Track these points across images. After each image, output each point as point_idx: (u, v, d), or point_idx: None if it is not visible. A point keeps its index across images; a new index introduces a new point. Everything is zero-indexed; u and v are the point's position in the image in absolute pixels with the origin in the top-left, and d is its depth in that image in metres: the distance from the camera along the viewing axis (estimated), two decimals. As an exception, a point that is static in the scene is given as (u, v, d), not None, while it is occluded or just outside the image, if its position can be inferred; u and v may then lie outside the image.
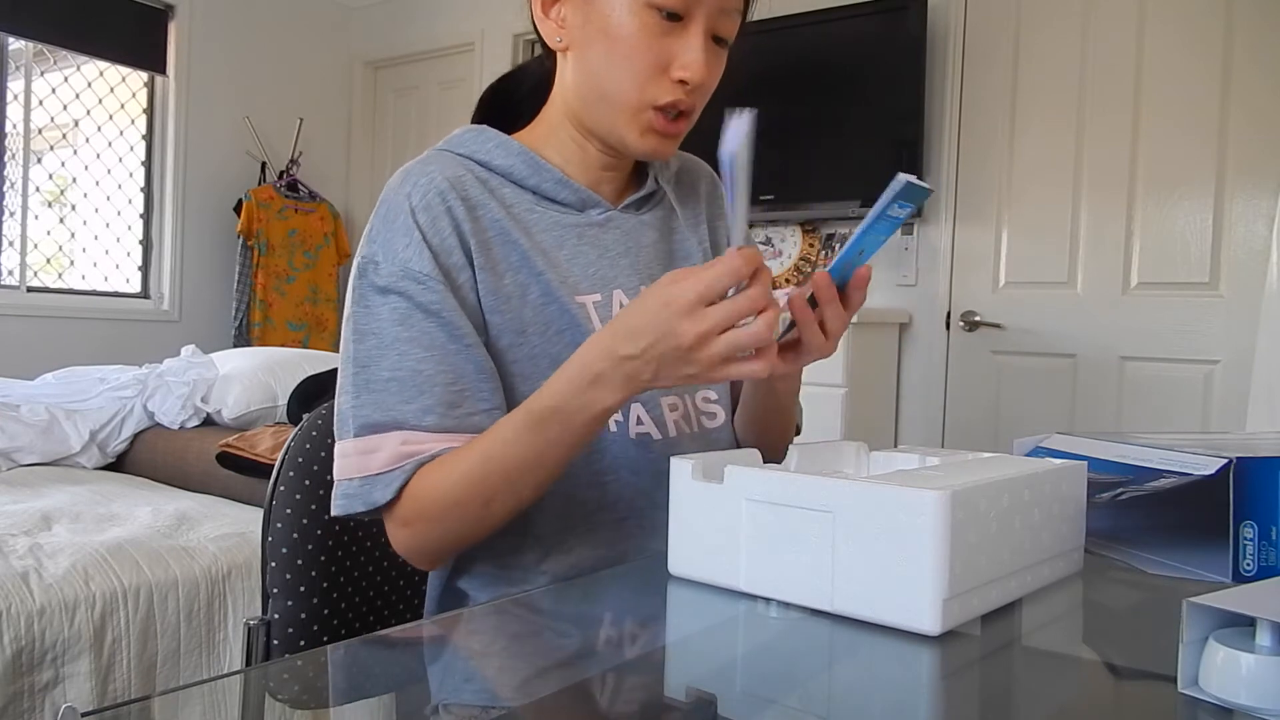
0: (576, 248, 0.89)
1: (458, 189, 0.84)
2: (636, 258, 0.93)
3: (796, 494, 0.62)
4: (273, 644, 0.94)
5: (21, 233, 3.82)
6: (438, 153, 0.89)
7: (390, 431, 0.78)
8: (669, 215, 0.98)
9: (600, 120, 0.87)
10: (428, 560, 0.83)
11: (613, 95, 0.84)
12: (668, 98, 0.83)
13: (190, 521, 2.01)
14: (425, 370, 0.79)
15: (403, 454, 0.78)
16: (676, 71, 0.82)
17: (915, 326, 3.19)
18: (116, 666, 1.62)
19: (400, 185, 0.84)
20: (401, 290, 0.80)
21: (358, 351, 0.81)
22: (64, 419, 2.68)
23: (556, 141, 0.91)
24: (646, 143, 0.86)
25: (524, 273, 0.86)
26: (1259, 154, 2.61)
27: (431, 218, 0.82)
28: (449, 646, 0.67)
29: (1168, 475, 0.75)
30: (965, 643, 0.59)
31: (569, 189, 0.90)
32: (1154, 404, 2.76)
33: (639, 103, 0.84)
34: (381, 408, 0.78)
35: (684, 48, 0.82)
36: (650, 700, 0.54)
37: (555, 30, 0.87)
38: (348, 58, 4.81)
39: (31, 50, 3.85)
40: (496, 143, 0.89)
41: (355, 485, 0.79)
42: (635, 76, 0.83)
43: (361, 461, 0.78)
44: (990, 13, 3.04)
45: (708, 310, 0.68)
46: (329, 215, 4.51)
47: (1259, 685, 0.47)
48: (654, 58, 0.82)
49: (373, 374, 0.79)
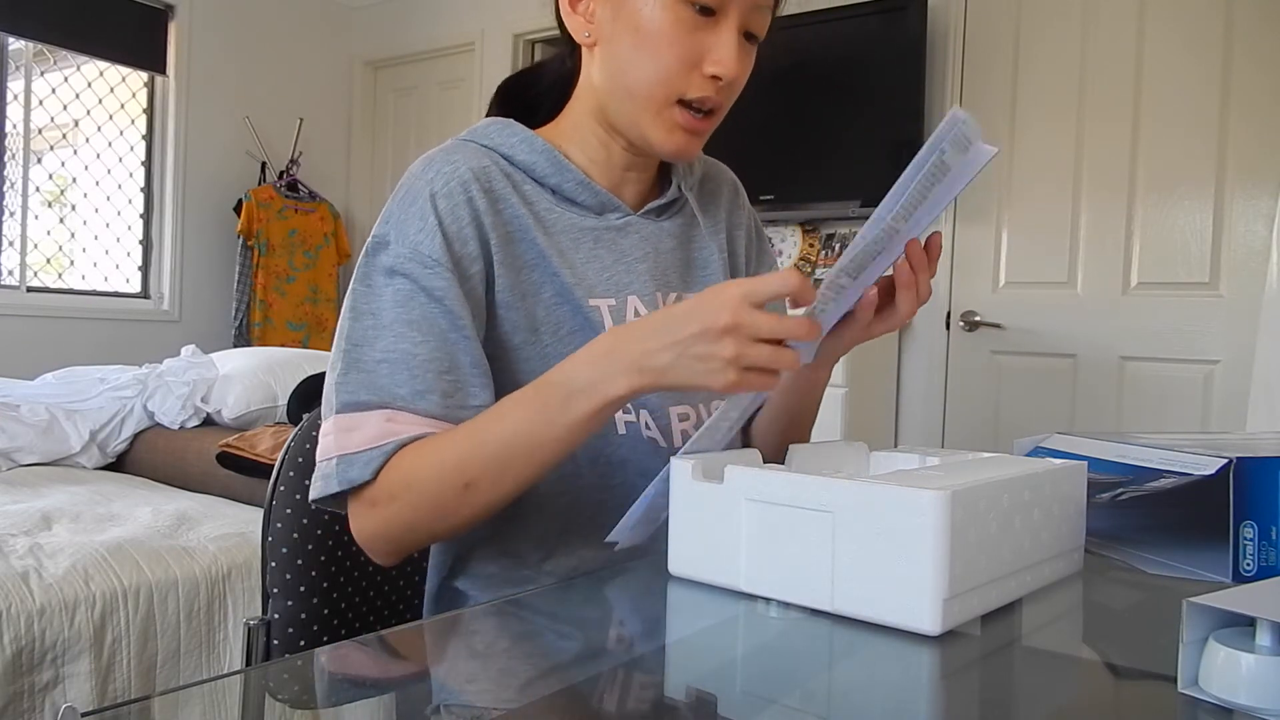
0: (593, 251, 0.88)
1: (481, 180, 0.83)
2: (654, 264, 0.91)
3: (796, 494, 0.62)
4: (273, 644, 0.94)
5: (21, 233, 3.82)
6: (462, 142, 0.87)
7: (375, 410, 0.75)
8: (690, 223, 0.97)
9: (626, 116, 0.86)
10: (388, 550, 0.78)
11: (640, 90, 0.83)
12: (698, 93, 0.82)
13: (190, 521, 2.01)
14: (420, 354, 0.77)
15: (385, 431, 0.75)
16: (709, 67, 0.81)
17: (915, 326, 3.19)
18: (116, 666, 1.62)
19: (423, 171, 0.83)
20: (407, 272, 0.78)
21: (353, 329, 0.78)
22: (64, 419, 2.68)
23: (580, 139, 0.90)
24: (673, 140, 0.85)
25: (539, 271, 0.85)
26: (1259, 154, 2.61)
27: (451, 205, 0.80)
28: (449, 647, 0.66)
29: (1168, 475, 0.75)
30: (965, 643, 0.59)
31: (589, 191, 0.89)
32: (1154, 404, 2.76)
33: (665, 97, 0.82)
34: (369, 387, 0.76)
35: (717, 43, 0.81)
36: (650, 700, 0.54)
37: (583, 25, 0.86)
38: (348, 58, 4.81)
39: (31, 50, 3.85)
40: (521, 137, 0.88)
41: (333, 464, 0.75)
42: (664, 70, 0.81)
43: (342, 439, 0.75)
44: (990, 13, 3.04)
45: (752, 309, 0.65)
46: (329, 215, 4.51)
47: (1259, 685, 0.47)
48: (684, 52, 0.81)
49: (364, 353, 0.77)
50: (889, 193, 0.67)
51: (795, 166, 3.20)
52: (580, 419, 0.72)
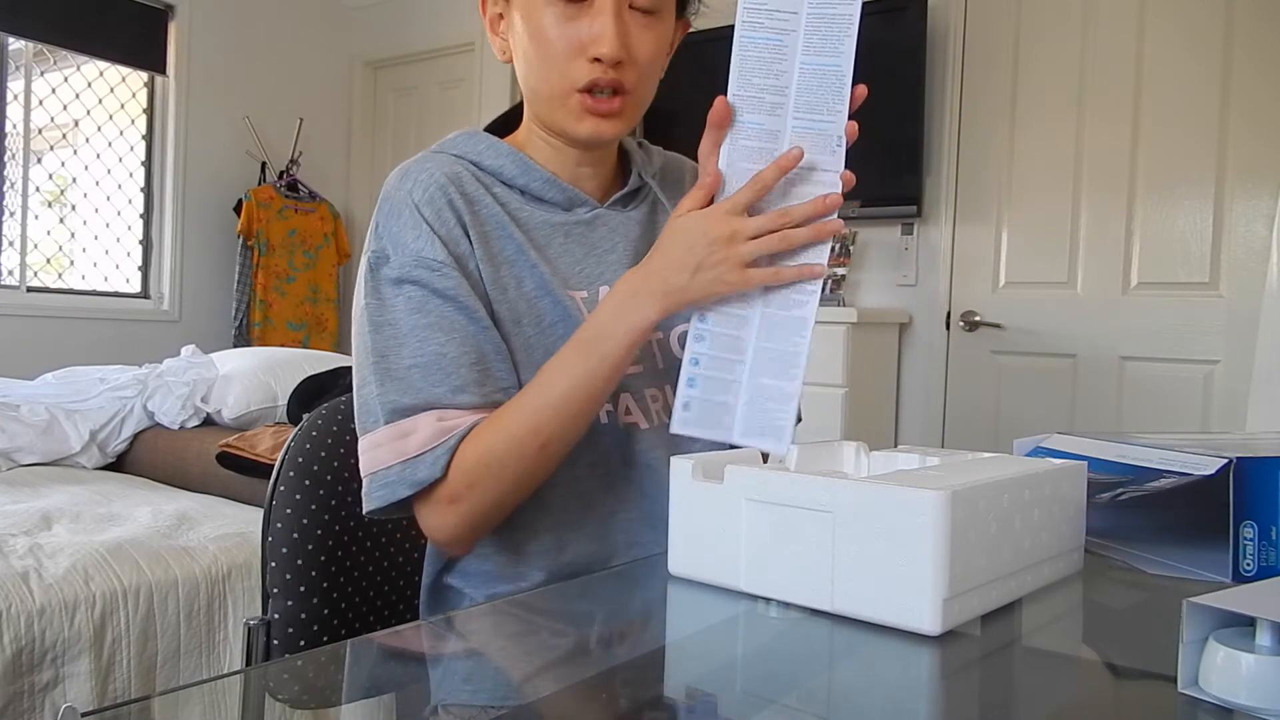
0: (564, 245, 0.92)
1: (456, 184, 0.87)
2: (622, 254, 0.94)
3: (796, 494, 0.62)
4: (273, 644, 0.94)
5: (21, 233, 3.82)
6: (432, 153, 0.92)
7: (423, 412, 0.79)
8: (654, 210, 1.00)
9: (545, 115, 0.91)
10: (472, 535, 0.83)
11: (542, 89, 0.88)
12: (587, 78, 0.85)
13: (190, 521, 2.01)
14: (449, 353, 0.81)
15: (442, 429, 0.79)
16: (591, 49, 0.85)
17: (915, 326, 3.19)
18: (116, 666, 1.62)
19: (400, 183, 0.87)
20: (416, 279, 0.82)
21: (375, 342, 0.82)
22: (64, 419, 2.68)
23: (535, 144, 0.94)
24: (585, 126, 0.88)
25: (519, 264, 0.88)
26: (1259, 154, 2.61)
27: (435, 210, 0.84)
28: (449, 647, 0.67)
29: (1168, 475, 0.75)
30: (965, 643, 0.59)
31: (556, 188, 0.92)
32: (1154, 404, 2.76)
33: (563, 89, 0.87)
34: (409, 391, 0.80)
35: (596, 28, 0.84)
36: (650, 700, 0.54)
37: (501, 44, 0.93)
38: (348, 58, 4.81)
39: (31, 50, 3.85)
40: (487, 144, 0.92)
41: (395, 471, 0.79)
42: (554, 66, 0.86)
43: (398, 446, 0.79)
44: (990, 13, 3.04)
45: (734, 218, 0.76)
46: (329, 215, 4.51)
47: (1259, 685, 0.47)
48: (567, 44, 0.85)
49: (393, 362, 0.81)
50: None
51: (795, 166, 3.20)
52: (623, 358, 0.80)
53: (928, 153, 3.09)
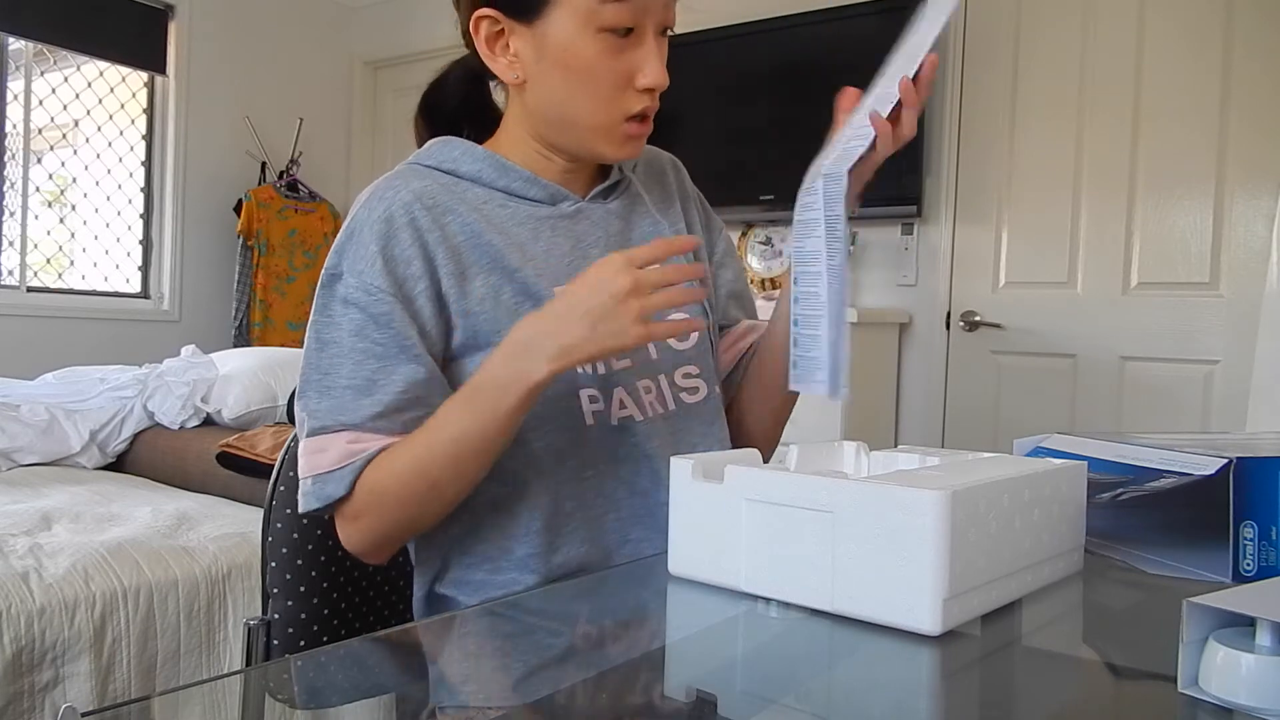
0: (551, 240, 0.92)
1: (423, 200, 0.87)
2: (605, 248, 0.94)
3: (796, 494, 0.62)
4: (273, 644, 0.94)
5: (21, 233, 3.82)
6: (407, 167, 0.92)
7: (339, 432, 0.82)
8: (634, 201, 1.00)
9: (570, 141, 0.91)
10: (377, 551, 0.86)
11: (582, 119, 0.88)
12: (638, 107, 0.87)
13: (190, 521, 2.01)
14: (378, 380, 0.83)
15: (350, 451, 0.81)
16: (641, 81, 0.86)
17: (915, 326, 3.19)
18: (116, 666, 1.62)
19: (366, 201, 0.88)
20: (357, 302, 0.84)
21: (319, 359, 0.84)
22: (64, 419, 2.68)
23: (521, 153, 0.94)
24: (625, 150, 0.90)
25: (496, 274, 0.88)
26: (1259, 154, 2.61)
27: (392, 230, 0.85)
28: (449, 647, 0.67)
29: (1168, 475, 0.75)
30: (965, 643, 0.59)
31: (537, 185, 0.92)
32: (1154, 404, 2.76)
33: (610, 120, 0.87)
34: (333, 411, 0.82)
35: (643, 58, 0.86)
36: (650, 700, 0.54)
37: (508, 68, 0.90)
38: (348, 58, 4.81)
39: (31, 50, 3.85)
40: (463, 150, 0.92)
41: (309, 483, 0.83)
42: (602, 97, 0.86)
43: (314, 460, 0.82)
44: (990, 13, 3.04)
45: (636, 270, 0.77)
46: (329, 215, 4.51)
47: (1259, 685, 0.47)
48: (617, 77, 0.86)
49: (331, 381, 0.83)
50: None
51: (795, 167, 3.19)
52: (512, 411, 0.79)
53: (928, 152, 3.08)
